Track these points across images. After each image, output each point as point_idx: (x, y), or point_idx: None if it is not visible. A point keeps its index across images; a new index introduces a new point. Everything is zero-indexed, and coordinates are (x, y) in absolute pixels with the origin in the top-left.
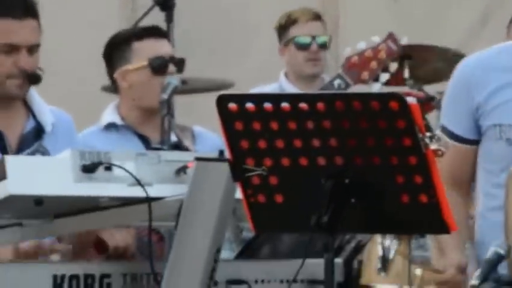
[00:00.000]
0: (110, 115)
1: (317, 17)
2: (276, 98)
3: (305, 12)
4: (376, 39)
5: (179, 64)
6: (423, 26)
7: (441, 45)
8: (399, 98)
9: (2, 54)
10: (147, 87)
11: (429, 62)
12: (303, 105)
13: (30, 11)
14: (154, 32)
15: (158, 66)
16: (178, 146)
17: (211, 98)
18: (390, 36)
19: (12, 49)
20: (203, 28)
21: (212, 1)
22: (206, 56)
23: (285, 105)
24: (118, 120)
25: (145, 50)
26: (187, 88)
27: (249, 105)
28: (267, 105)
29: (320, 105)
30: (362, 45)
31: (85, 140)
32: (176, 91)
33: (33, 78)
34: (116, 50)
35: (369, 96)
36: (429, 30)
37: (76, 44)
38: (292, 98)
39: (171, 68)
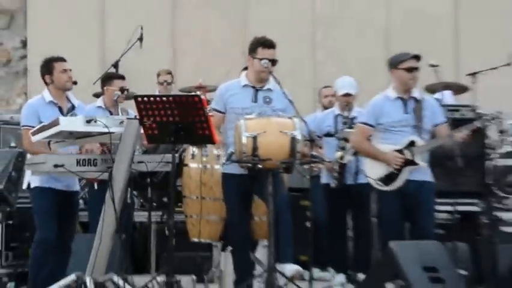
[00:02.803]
0: (100, 102)
1: (168, 73)
2: (156, 96)
3: (162, 72)
4: None
5: (128, 91)
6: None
7: None
8: (198, 96)
9: (62, 73)
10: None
11: None
12: (165, 99)
13: (63, 59)
14: (122, 77)
15: (122, 90)
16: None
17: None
18: None
19: (65, 71)
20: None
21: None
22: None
23: (158, 99)
24: (103, 105)
25: (119, 83)
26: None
27: (145, 99)
28: (152, 99)
29: (171, 99)
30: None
31: (89, 110)
32: (119, 97)
33: (74, 82)
34: (107, 80)
35: (187, 96)
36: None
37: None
38: (162, 96)
39: (126, 92)
